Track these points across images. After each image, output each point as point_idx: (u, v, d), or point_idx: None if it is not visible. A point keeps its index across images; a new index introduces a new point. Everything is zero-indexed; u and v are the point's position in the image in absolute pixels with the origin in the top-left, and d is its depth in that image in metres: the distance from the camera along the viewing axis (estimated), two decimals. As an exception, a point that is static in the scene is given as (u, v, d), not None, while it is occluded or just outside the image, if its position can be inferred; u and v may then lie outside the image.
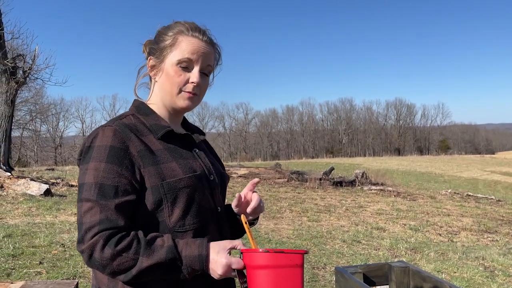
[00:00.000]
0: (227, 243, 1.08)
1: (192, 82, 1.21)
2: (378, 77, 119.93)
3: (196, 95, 1.23)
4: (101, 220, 1.02)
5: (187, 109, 1.24)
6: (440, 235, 7.10)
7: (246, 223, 1.18)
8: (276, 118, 72.24)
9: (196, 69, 1.21)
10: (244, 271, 1.07)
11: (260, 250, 1.03)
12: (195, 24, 1.26)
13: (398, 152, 65.39)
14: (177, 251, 1.04)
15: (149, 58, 1.26)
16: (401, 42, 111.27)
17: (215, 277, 1.07)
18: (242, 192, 1.29)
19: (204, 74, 1.24)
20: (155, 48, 1.25)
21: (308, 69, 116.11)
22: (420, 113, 74.76)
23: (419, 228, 7.43)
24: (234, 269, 1.06)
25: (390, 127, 72.06)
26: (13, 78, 12.34)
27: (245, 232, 1.36)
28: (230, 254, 1.07)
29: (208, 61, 1.24)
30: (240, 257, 1.07)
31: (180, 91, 1.21)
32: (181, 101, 1.22)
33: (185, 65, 1.20)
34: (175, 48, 1.21)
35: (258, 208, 1.28)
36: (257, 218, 1.35)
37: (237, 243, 1.09)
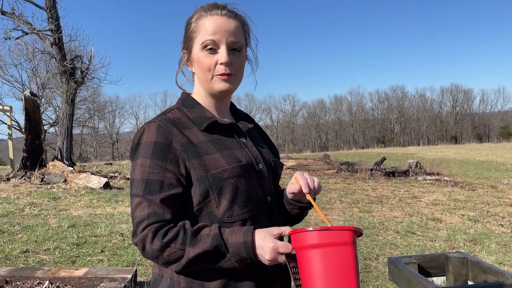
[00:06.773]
0: (274, 229, 1.06)
1: (222, 63, 1.15)
2: (430, 63, 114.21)
3: (232, 75, 1.17)
4: (149, 214, 1.06)
5: (227, 91, 1.19)
6: (502, 226, 6.69)
7: (309, 195, 1.14)
8: (324, 108, 71.04)
9: (223, 48, 1.16)
10: (294, 254, 1.03)
11: (306, 230, 0.97)
12: (214, 2, 1.20)
13: (455, 140, 62.16)
14: (223, 239, 1.04)
15: (183, 52, 1.26)
16: (454, 24, 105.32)
17: (265, 263, 1.05)
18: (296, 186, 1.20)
19: (235, 50, 1.18)
20: (184, 40, 1.25)
21: (356, 57, 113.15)
22: (479, 98, 70.18)
23: (479, 219, 7.06)
24: (282, 254, 1.02)
25: (446, 114, 68.41)
26: (72, 79, 13.08)
27: (296, 221, 1.33)
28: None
29: (234, 36, 1.17)
30: (289, 241, 1.03)
31: (212, 75, 1.17)
32: (217, 85, 1.18)
33: (211, 47, 1.16)
34: (198, 33, 1.18)
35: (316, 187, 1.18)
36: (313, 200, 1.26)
37: (285, 229, 1.06)
